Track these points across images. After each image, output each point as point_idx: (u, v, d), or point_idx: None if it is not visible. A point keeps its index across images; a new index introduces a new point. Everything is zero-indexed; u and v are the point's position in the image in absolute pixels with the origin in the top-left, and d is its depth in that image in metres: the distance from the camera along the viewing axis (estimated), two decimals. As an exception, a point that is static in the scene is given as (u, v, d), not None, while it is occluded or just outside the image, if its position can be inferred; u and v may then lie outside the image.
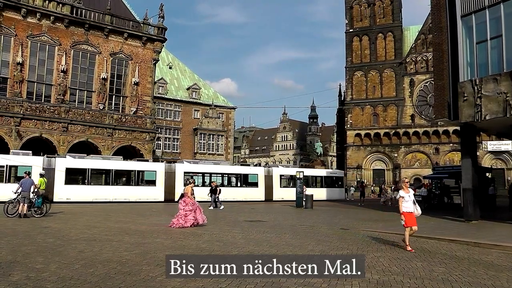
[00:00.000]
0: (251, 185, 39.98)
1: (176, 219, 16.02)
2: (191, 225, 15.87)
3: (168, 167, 35.71)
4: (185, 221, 15.85)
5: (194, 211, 16.26)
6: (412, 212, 11.41)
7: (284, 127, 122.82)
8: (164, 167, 35.53)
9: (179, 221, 15.88)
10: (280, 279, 7.38)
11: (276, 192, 40.38)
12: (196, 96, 66.80)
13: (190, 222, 15.92)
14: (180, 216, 16.01)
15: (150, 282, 7.17)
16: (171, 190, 34.60)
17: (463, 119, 19.11)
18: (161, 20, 45.92)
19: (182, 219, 15.91)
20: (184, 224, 15.78)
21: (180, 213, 16.12)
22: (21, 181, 19.07)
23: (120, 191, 33.05)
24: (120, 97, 43.32)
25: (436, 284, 7.37)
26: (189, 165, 37.93)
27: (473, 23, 19.33)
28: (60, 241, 11.68)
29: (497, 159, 66.55)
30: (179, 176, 35.11)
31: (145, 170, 35.09)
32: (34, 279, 7.26)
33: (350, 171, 74.75)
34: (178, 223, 15.81)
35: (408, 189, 11.61)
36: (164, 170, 35.22)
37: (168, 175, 35.02)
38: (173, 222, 15.96)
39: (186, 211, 16.04)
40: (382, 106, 73.42)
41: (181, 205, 16.36)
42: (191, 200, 16.48)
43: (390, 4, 74.69)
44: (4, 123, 36.13)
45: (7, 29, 37.26)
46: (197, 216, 16.29)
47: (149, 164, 36.40)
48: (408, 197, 11.46)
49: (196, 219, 16.18)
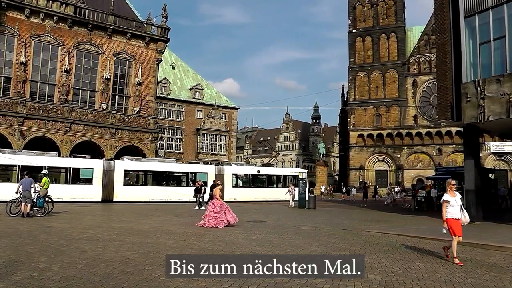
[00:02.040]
0: None
1: (207, 220, 16.22)
2: (224, 225, 16.07)
3: (107, 165, 33.63)
4: (217, 223, 16.02)
5: (223, 212, 16.44)
6: (459, 219, 9.88)
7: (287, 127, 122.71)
8: (102, 165, 33.39)
9: (210, 221, 16.07)
10: (283, 280, 7.38)
11: (228, 192, 37.14)
12: (199, 96, 66.87)
13: (222, 223, 16.11)
14: (210, 218, 16.17)
15: (153, 282, 7.18)
16: (110, 189, 32.75)
17: (466, 120, 19.08)
18: (164, 21, 46.00)
19: (213, 220, 16.07)
20: (217, 225, 15.96)
21: (209, 214, 16.29)
22: (21, 181, 19.12)
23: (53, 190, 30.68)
24: (123, 97, 43.41)
25: (439, 285, 7.36)
26: (131, 163, 35.14)
27: (476, 24, 19.31)
28: (63, 241, 11.70)
29: (500, 160, 66.39)
30: (118, 174, 33.33)
31: (81, 167, 32.77)
32: (37, 278, 7.27)
33: (352, 171, 74.72)
34: (210, 224, 16.02)
35: (454, 192, 10.08)
36: (102, 167, 33.07)
37: (107, 173, 32.91)
38: (204, 223, 16.19)
39: (215, 213, 16.21)
40: (385, 107, 73.35)
41: (210, 207, 16.57)
42: (219, 202, 16.71)
43: (393, 5, 74.61)
44: (7, 122, 36.25)
45: (10, 29, 37.40)
46: (228, 217, 16.46)
47: (85, 161, 33.43)
48: (454, 201, 9.90)
49: (227, 220, 16.37)
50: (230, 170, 39.11)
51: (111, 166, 33.56)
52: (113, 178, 33.01)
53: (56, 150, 36.94)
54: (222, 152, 66.36)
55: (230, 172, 38.79)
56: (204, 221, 16.29)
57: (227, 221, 16.30)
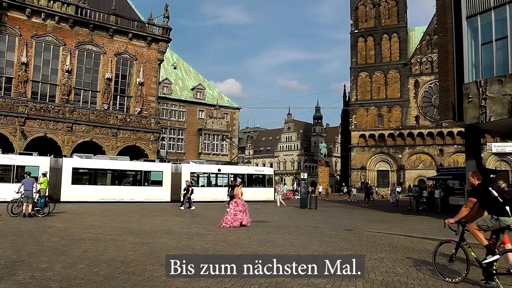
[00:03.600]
0: (154, 183, 35.18)
1: (225, 217, 16.56)
2: (239, 224, 16.33)
3: (54, 162, 31.10)
4: (234, 220, 16.29)
5: (244, 212, 16.76)
6: None
7: (289, 127, 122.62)
8: (49, 162, 30.66)
9: (228, 218, 16.37)
10: (284, 280, 7.38)
11: None
12: (201, 97, 66.89)
13: (238, 222, 16.37)
14: (230, 215, 16.47)
15: (154, 282, 7.18)
16: (57, 188, 30.11)
17: (468, 120, 19.06)
18: (166, 21, 46.03)
19: (231, 217, 16.36)
20: (233, 222, 16.21)
21: (230, 212, 16.56)
22: (23, 181, 19.12)
23: None
24: (124, 97, 43.45)
25: (440, 285, 7.35)
26: (80, 160, 32.64)
27: (478, 24, 19.28)
28: (64, 241, 11.71)
29: (501, 161, 66.41)
30: (66, 172, 30.85)
31: (26, 165, 28.86)
32: (38, 278, 7.28)
33: (354, 172, 74.80)
34: (228, 221, 16.29)
35: None
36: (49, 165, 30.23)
37: (54, 171, 30.40)
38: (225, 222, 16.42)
39: (237, 211, 16.52)
40: (387, 107, 73.40)
41: (232, 205, 16.84)
42: (242, 201, 17.03)
43: (395, 5, 74.68)
44: (9, 123, 36.28)
45: (12, 29, 37.44)
46: (244, 217, 16.73)
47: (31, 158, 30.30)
48: None
49: (242, 219, 16.61)
50: (188, 168, 36.90)
51: (58, 163, 31.30)
52: (60, 177, 30.74)
53: (58, 151, 37.00)
54: (224, 152, 66.38)
55: (188, 170, 36.46)
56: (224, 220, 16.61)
57: (242, 221, 16.60)
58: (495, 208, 7.02)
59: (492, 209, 7.12)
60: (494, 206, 7.05)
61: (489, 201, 7.14)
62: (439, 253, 8.26)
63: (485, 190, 7.19)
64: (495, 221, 6.98)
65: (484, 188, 7.23)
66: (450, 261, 7.74)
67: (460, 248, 7.68)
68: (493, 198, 7.03)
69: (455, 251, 7.72)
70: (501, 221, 6.94)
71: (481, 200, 7.28)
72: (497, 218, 6.96)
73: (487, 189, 7.16)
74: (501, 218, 6.93)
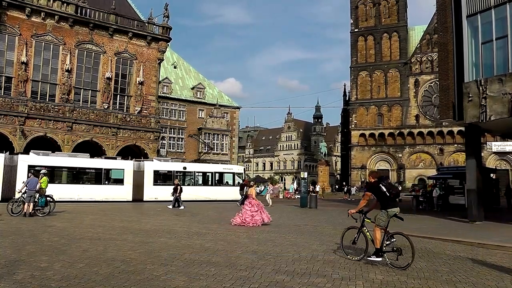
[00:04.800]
0: (115, 182, 33.59)
1: (243, 218, 16.67)
2: (260, 224, 16.54)
3: (9, 159, 29.89)
4: (255, 221, 16.49)
5: (260, 211, 16.95)
6: None
7: (289, 127, 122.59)
8: (4, 159, 29.61)
9: (247, 220, 16.55)
10: (284, 279, 7.38)
11: (148, 191, 34.19)
12: (201, 96, 66.91)
13: (259, 222, 16.60)
14: (247, 216, 16.64)
15: (154, 281, 7.17)
16: (11, 187, 28.73)
17: (468, 119, 19.04)
18: (166, 20, 46.00)
19: (250, 219, 16.54)
20: (256, 223, 16.43)
21: (246, 213, 16.73)
22: (27, 180, 19.10)
23: None
24: (124, 97, 43.43)
25: (440, 284, 7.35)
26: (36, 157, 30.93)
27: (479, 23, 19.26)
28: (64, 240, 11.71)
29: (501, 160, 66.45)
30: (21, 170, 29.08)
31: None
32: (38, 277, 7.27)
33: (354, 171, 74.81)
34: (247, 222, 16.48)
35: None
36: (3, 163, 29.46)
37: (8, 169, 29.44)
38: (242, 221, 16.58)
39: (253, 211, 16.71)
40: (387, 106, 73.40)
41: (247, 206, 17.03)
42: (256, 201, 17.30)
43: (396, 4, 74.67)
44: (9, 122, 36.27)
45: (11, 28, 37.41)
46: (263, 216, 16.94)
47: None
48: None
49: (262, 218, 16.83)
50: (151, 166, 35.41)
51: (13, 161, 30.13)
52: (15, 175, 29.43)
53: (58, 150, 36.97)
54: (224, 152, 66.40)
55: (151, 168, 35.12)
56: (241, 219, 16.70)
57: (262, 220, 16.78)
58: (383, 201, 8.77)
59: (382, 202, 8.83)
60: (383, 199, 8.78)
61: (379, 194, 8.79)
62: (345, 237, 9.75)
63: (377, 186, 8.82)
64: (386, 215, 8.75)
65: (376, 184, 8.84)
66: (353, 243, 9.39)
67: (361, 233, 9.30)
68: (382, 192, 8.71)
69: (357, 236, 9.36)
70: (389, 212, 8.75)
71: (375, 194, 8.90)
72: (386, 211, 8.74)
73: (378, 185, 8.79)
74: (388, 210, 8.74)
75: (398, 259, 8.46)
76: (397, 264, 8.45)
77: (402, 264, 8.39)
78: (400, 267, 8.37)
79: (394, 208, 8.78)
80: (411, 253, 8.31)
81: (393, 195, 8.80)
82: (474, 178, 19.98)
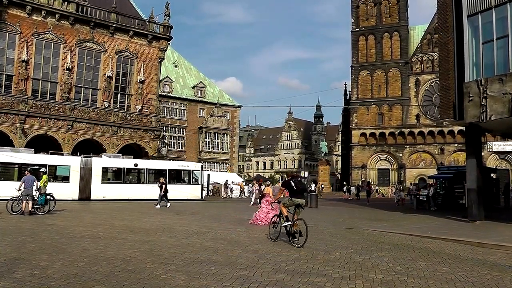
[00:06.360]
0: (61, 179, 31.18)
1: (258, 215, 17.09)
2: None
3: None
4: (267, 218, 16.45)
5: (276, 209, 16.77)
6: None
7: (289, 126, 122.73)
8: None
9: (261, 216, 16.93)
10: (284, 278, 7.38)
11: (96, 189, 31.93)
12: (202, 95, 66.91)
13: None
14: (262, 213, 17.05)
15: (154, 280, 7.17)
16: None
17: (468, 119, 19.03)
18: (166, 19, 45.98)
19: (264, 215, 16.85)
20: (267, 220, 16.30)
21: (262, 210, 17.15)
22: (23, 178, 19.09)
23: None
24: (125, 95, 43.43)
25: (440, 284, 7.34)
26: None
27: (479, 23, 19.24)
28: (64, 239, 11.71)
29: (502, 160, 66.42)
30: None
31: None
32: (38, 276, 7.27)
33: (355, 170, 74.76)
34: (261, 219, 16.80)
35: None
36: None
37: None
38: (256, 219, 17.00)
39: (269, 209, 16.92)
40: (388, 106, 73.36)
41: (264, 204, 17.41)
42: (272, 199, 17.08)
43: (397, 4, 74.60)
44: (9, 120, 36.26)
45: (12, 26, 37.40)
46: None
47: None
48: None
49: None
50: (99, 163, 33.13)
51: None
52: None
53: (58, 148, 36.97)
54: (225, 151, 66.40)
55: (99, 165, 32.90)
56: (255, 216, 17.10)
57: None
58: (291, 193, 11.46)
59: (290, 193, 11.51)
60: (291, 191, 11.49)
61: (289, 188, 11.53)
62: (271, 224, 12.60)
63: (288, 182, 11.68)
64: (290, 201, 11.44)
65: (288, 182, 11.72)
66: (274, 227, 12.36)
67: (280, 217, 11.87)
68: (291, 187, 11.47)
69: (278, 219, 12.07)
70: (294, 201, 11.37)
71: (287, 188, 11.64)
72: (291, 199, 11.42)
73: (289, 182, 11.64)
74: (293, 199, 11.39)
75: (299, 239, 10.98)
76: (296, 242, 10.96)
77: (300, 243, 10.85)
78: (299, 244, 10.82)
79: (298, 199, 11.38)
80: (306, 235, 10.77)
81: (299, 189, 11.51)
82: (475, 177, 19.97)
